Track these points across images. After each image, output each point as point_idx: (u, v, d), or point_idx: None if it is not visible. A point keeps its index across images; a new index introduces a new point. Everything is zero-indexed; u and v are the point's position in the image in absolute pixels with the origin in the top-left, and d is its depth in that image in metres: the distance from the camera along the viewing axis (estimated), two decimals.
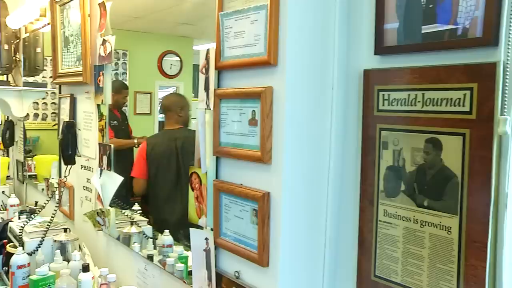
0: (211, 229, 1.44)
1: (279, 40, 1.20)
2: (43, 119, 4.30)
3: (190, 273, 1.71)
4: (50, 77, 3.85)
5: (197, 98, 1.46)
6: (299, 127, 1.23)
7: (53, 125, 4.37)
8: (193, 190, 1.53)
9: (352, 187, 1.23)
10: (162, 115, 3.51)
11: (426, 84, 1.05)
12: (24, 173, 3.70)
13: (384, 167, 1.16)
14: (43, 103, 4.17)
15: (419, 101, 1.06)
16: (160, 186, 2.62)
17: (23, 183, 3.73)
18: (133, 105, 4.24)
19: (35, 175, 3.68)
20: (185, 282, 1.64)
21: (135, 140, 3.02)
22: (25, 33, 3.49)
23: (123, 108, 3.56)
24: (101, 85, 2.19)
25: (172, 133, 2.72)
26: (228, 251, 1.38)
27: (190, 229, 1.51)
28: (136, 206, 2.43)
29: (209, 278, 1.44)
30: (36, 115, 4.19)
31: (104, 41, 2.10)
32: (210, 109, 1.42)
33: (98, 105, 2.23)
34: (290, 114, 1.20)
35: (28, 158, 3.75)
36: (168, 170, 2.60)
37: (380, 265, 1.17)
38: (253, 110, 1.26)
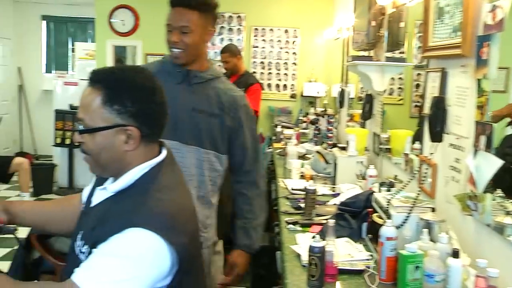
0: None
1: None
2: (390, 94, 4.36)
3: None
4: (400, 52, 3.82)
5: None
6: None
7: (398, 100, 4.37)
8: None
9: None
10: None
11: None
12: (380, 146, 3.81)
13: None
14: (390, 78, 4.20)
15: None
16: None
17: (378, 156, 3.85)
18: None
19: (389, 149, 3.74)
20: None
21: None
22: (392, 8, 3.53)
23: None
24: (483, 57, 1.98)
25: None
26: None
27: None
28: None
29: None
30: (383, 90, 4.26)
31: (494, 7, 1.88)
32: None
33: (479, 80, 2.04)
34: None
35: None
36: None
37: None
38: None
